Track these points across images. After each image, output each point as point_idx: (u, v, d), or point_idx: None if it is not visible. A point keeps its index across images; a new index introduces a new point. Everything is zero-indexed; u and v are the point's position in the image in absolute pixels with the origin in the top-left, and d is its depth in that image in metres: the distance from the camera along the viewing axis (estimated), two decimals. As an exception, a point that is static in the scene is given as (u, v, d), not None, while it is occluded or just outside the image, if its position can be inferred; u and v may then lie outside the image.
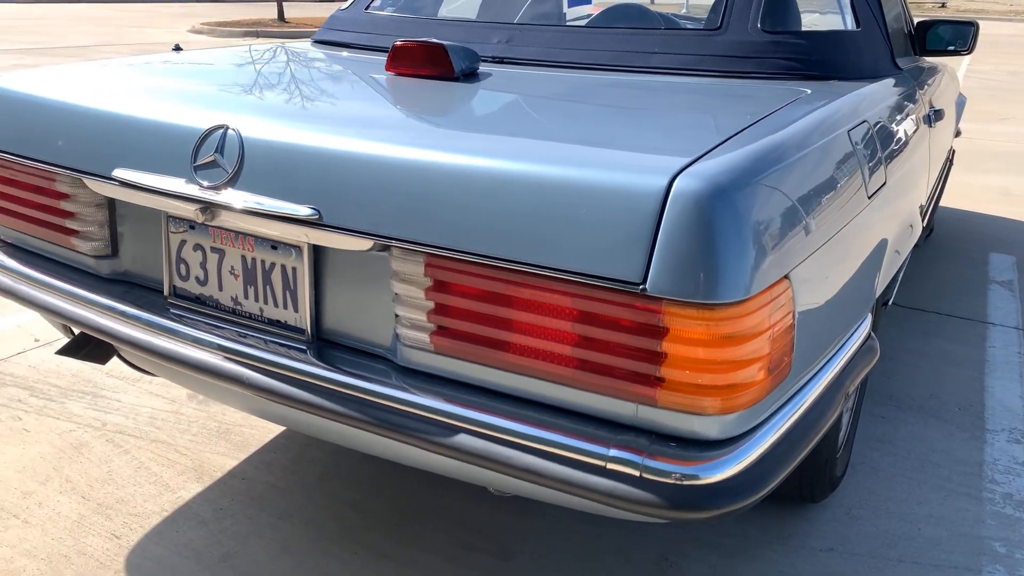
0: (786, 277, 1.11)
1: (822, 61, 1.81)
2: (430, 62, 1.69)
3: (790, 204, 1.13)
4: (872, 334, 1.57)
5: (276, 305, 1.36)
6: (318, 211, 1.22)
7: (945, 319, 3.14)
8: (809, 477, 1.79)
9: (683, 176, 1.03)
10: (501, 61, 1.98)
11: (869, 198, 1.46)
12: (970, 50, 2.83)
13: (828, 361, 1.34)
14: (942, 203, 4.82)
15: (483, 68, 1.87)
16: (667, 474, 1.05)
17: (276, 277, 1.34)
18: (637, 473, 1.06)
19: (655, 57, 1.83)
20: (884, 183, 1.57)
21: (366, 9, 2.33)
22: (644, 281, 1.02)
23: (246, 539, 1.80)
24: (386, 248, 1.21)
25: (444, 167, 1.15)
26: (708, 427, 1.08)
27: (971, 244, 4.09)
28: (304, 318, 1.34)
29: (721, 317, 1.02)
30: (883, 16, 2.12)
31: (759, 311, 1.05)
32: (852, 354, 1.43)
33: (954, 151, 4.13)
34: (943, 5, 28.42)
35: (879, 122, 1.67)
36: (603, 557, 1.78)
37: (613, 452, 1.08)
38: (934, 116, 2.38)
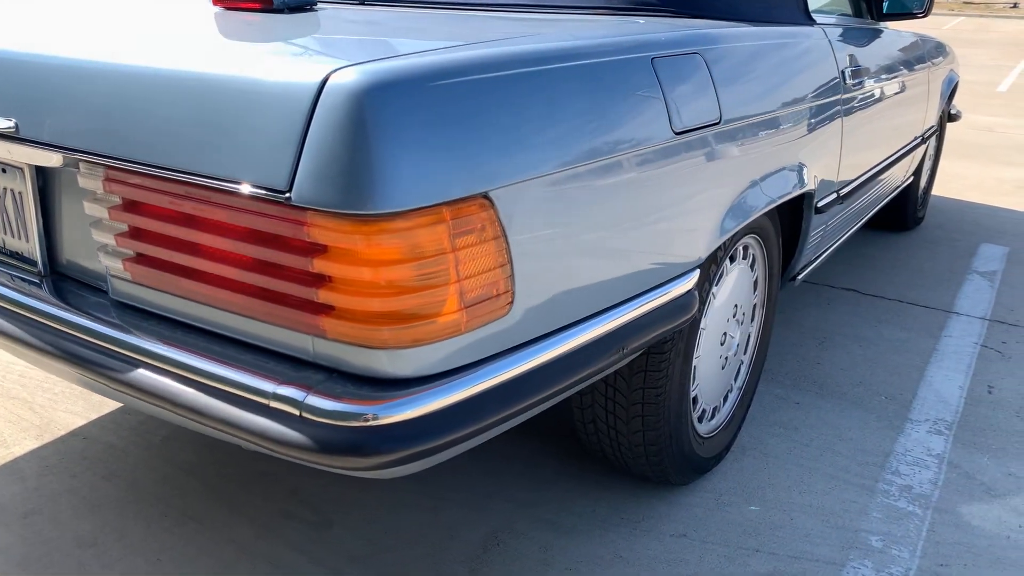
0: (485, 196, 0.96)
1: (687, -1, 1.65)
2: (250, -7, 1.58)
3: (493, 118, 0.98)
4: (693, 292, 1.41)
5: (13, 235, 1.27)
6: (15, 124, 1.12)
7: (907, 308, 2.91)
8: (654, 455, 1.63)
9: (338, 73, 0.90)
10: (362, 2, 1.86)
11: (678, 133, 1.30)
12: (926, 13, 2.61)
13: (601, 313, 1.19)
14: (943, 194, 4.53)
15: (338, 7, 1.75)
16: (328, 414, 0.92)
17: (8, 203, 1.25)
18: (297, 412, 0.93)
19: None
20: (718, 120, 1.41)
21: None
22: (290, 189, 0.90)
23: (58, 497, 1.71)
24: (76, 164, 1.10)
25: (118, 73, 1.04)
26: (384, 363, 0.95)
27: (964, 235, 3.82)
28: (35, 249, 1.24)
29: (377, 230, 0.89)
30: None
31: (430, 228, 0.91)
32: (647, 311, 1.27)
33: (938, 133, 3.86)
34: (1015, 6, 27.25)
35: (730, 60, 1.50)
36: (428, 533, 1.65)
37: (280, 390, 0.95)
38: (865, 82, 2.17)
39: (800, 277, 2.12)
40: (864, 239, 3.70)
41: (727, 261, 1.69)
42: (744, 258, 1.78)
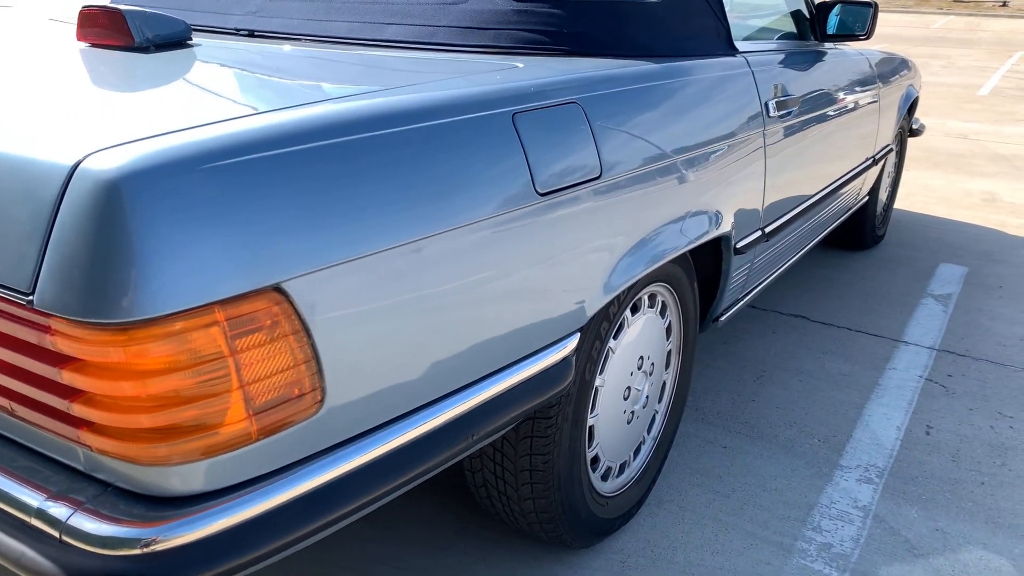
0: (277, 289, 0.86)
1: (582, 35, 1.55)
2: (112, 29, 1.48)
3: (290, 200, 0.88)
4: (568, 360, 1.31)
5: None
6: None
7: (855, 336, 2.81)
8: (547, 521, 1.53)
9: (94, 156, 0.80)
10: (251, 34, 1.76)
11: (544, 194, 1.19)
12: (868, 35, 2.51)
13: (443, 399, 1.09)
14: (908, 208, 4.44)
15: (214, 40, 1.65)
16: (90, 539, 0.82)
17: None
18: (56, 534, 0.83)
19: (389, 29, 1.58)
20: (597, 175, 1.31)
21: None
22: (33, 291, 0.80)
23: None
24: None
25: None
26: (161, 479, 0.85)
27: (925, 253, 3.73)
28: None
29: (134, 339, 0.78)
30: None
31: (201, 331, 0.81)
32: (504, 389, 1.17)
33: (897, 150, 3.77)
34: (1004, 4, 27.20)
35: (619, 105, 1.39)
36: (308, 604, 1.55)
37: (46, 505, 0.85)
38: (795, 112, 2.07)
39: (724, 318, 2.02)
40: (820, 259, 3.60)
41: (627, 312, 1.59)
42: (651, 306, 1.69)
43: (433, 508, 1.83)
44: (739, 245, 1.87)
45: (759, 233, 1.98)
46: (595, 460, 1.63)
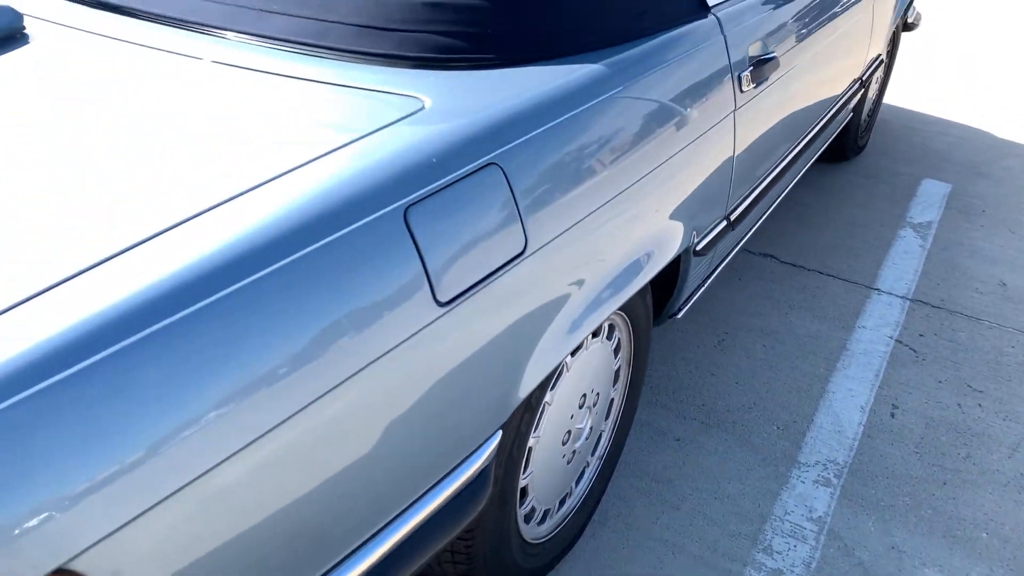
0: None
1: (512, 35, 1.25)
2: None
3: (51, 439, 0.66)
4: (487, 470, 1.13)
5: None
6: None
7: (825, 282, 2.64)
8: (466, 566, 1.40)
9: None
10: (106, 6, 1.42)
11: (446, 304, 0.97)
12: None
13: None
14: (899, 104, 4.15)
15: (48, 25, 1.32)
16: None
17: None
18: None
19: (272, 21, 1.27)
20: (521, 251, 1.08)
21: None
22: None
23: None
24: None
25: None
26: None
27: (908, 164, 3.50)
28: None
29: None
30: None
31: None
32: (394, 544, 1.00)
33: (889, 51, 3.45)
34: None
35: (549, 149, 1.13)
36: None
37: None
38: (770, 72, 1.77)
39: (682, 313, 1.83)
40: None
41: (567, 358, 1.40)
42: (595, 336, 1.49)
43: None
44: (700, 247, 1.66)
45: (724, 224, 1.76)
46: (529, 513, 1.49)
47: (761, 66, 1.72)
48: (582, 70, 1.26)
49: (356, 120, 1.03)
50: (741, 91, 1.67)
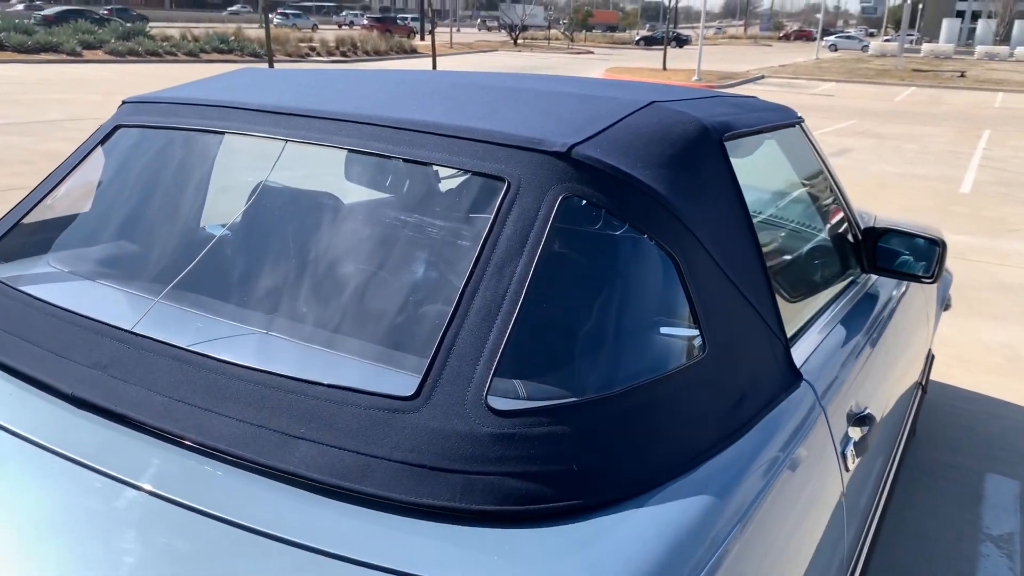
0: None
1: (598, 472, 0.97)
2: None
3: None
4: None
5: None
6: None
7: (913, 624, 2.24)
8: None
9: None
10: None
11: None
12: (934, 279, 2.00)
13: None
14: (934, 378, 3.94)
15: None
16: None
17: None
18: None
19: (298, 449, 0.99)
20: None
21: None
22: None
23: None
24: None
25: None
26: None
27: (963, 456, 3.20)
28: None
29: None
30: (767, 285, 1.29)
31: None
32: None
33: (932, 358, 3.27)
34: (962, 75, 27.70)
35: None
36: None
37: None
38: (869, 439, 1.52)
39: None
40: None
41: None
42: None
43: None
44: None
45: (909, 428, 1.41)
46: None
47: (863, 431, 1.46)
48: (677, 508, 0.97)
49: None
50: (847, 468, 1.39)
